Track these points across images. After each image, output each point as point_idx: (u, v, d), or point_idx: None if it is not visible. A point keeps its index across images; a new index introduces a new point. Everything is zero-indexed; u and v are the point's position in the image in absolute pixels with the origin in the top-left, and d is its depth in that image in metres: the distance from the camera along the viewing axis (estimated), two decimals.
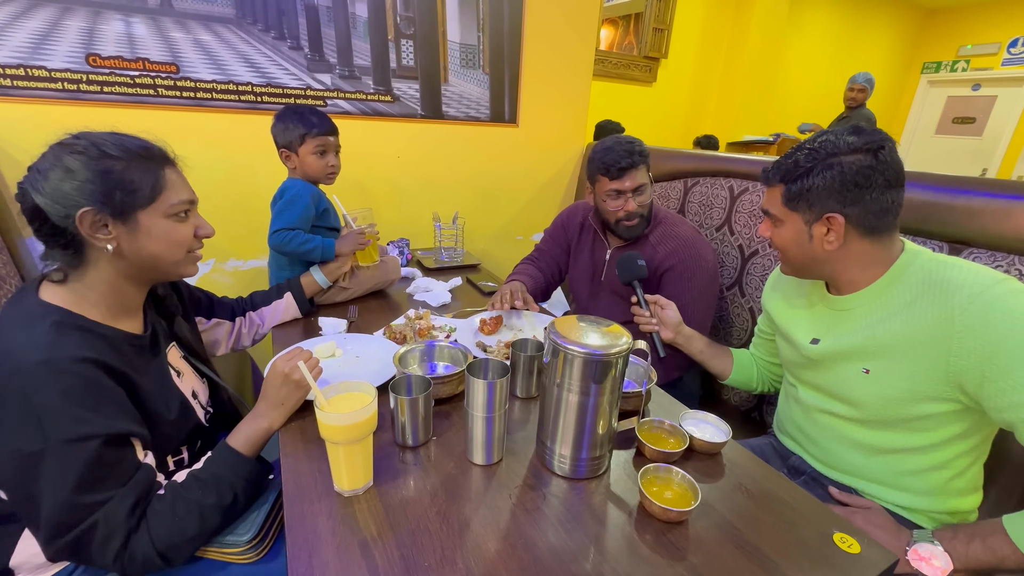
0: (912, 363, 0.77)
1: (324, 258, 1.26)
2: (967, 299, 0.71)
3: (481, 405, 0.70)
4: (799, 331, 0.95)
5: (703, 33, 4.05)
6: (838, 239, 0.80)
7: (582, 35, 2.03)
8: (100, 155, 0.69)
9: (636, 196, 1.25)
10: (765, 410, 1.40)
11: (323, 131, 1.26)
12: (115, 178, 0.69)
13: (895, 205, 0.78)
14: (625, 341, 0.68)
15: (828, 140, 0.79)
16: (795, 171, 0.81)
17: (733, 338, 1.48)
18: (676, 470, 0.70)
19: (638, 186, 1.24)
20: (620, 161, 1.21)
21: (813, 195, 0.80)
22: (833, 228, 0.80)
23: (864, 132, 0.77)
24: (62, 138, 0.71)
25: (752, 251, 1.43)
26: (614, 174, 1.22)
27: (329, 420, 0.62)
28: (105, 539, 0.64)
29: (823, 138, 0.80)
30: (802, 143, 0.83)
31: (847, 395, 0.87)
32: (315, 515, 0.64)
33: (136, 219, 0.72)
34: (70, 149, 0.69)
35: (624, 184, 1.23)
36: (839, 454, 0.92)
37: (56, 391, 0.62)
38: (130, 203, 0.71)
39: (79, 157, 0.68)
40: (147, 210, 0.73)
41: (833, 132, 0.80)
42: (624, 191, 1.24)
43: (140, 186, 0.71)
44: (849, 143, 0.77)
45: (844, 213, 0.79)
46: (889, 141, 0.77)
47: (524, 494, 0.69)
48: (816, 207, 0.80)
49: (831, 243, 0.81)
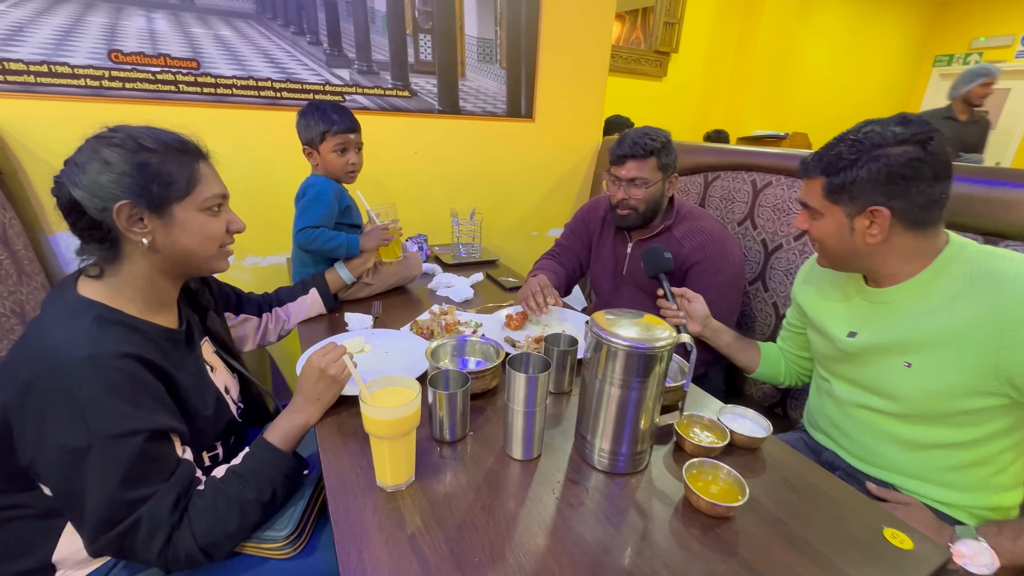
0: (958, 357, 0.76)
1: (349, 255, 1.26)
2: (1020, 291, 0.70)
3: (522, 399, 0.69)
4: (834, 324, 0.94)
5: (714, 27, 4.02)
6: (882, 232, 0.79)
7: (598, 30, 2.02)
8: (137, 148, 0.69)
9: (629, 187, 1.23)
10: (789, 405, 1.39)
11: (343, 129, 1.26)
12: (152, 171, 0.69)
13: (942, 197, 0.77)
14: (669, 334, 0.67)
15: (873, 130, 0.77)
16: (838, 163, 0.79)
17: (756, 333, 1.47)
18: (721, 465, 0.69)
19: (633, 177, 1.22)
20: (621, 148, 1.21)
21: (857, 188, 0.78)
22: (877, 221, 0.79)
23: (912, 122, 0.76)
24: (99, 131, 0.71)
25: (776, 245, 1.41)
26: (613, 160, 1.23)
27: (375, 414, 0.62)
28: (149, 535, 0.63)
29: (868, 128, 0.78)
30: (844, 134, 0.81)
31: (887, 389, 0.85)
32: (360, 510, 0.63)
33: (171, 212, 0.72)
34: (108, 142, 0.69)
35: (620, 172, 1.23)
36: (876, 449, 0.91)
37: (100, 387, 0.62)
38: (166, 196, 0.71)
39: (116, 150, 0.68)
40: (182, 203, 0.73)
41: (879, 122, 0.78)
42: (620, 179, 1.23)
43: (176, 179, 0.71)
44: (896, 133, 0.75)
45: (889, 206, 0.77)
46: (938, 133, 0.75)
47: (567, 489, 0.69)
48: (859, 200, 0.79)
49: (874, 236, 0.80)
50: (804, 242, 1.34)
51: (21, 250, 1.20)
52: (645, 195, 1.24)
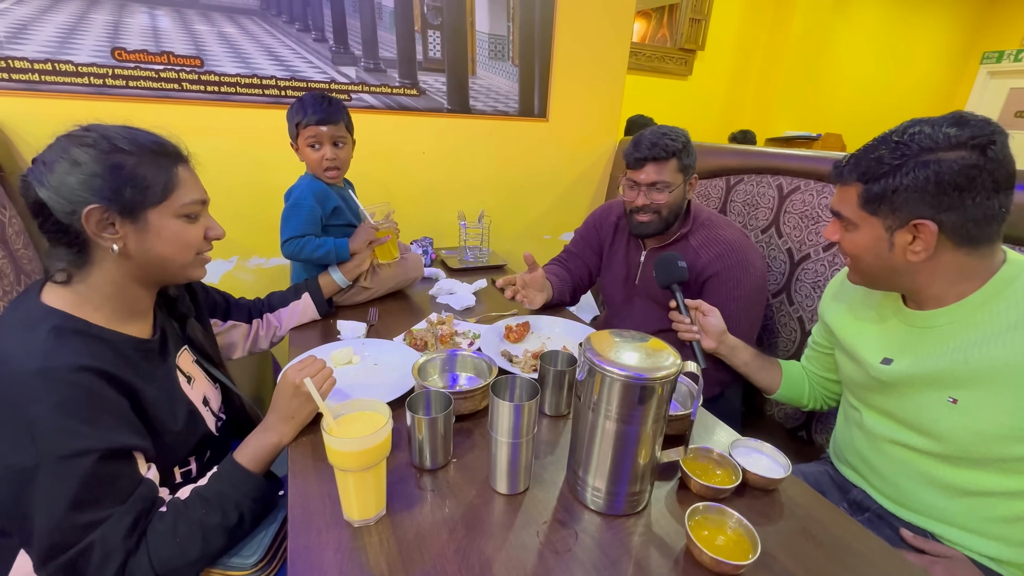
0: (1014, 395, 0.65)
1: (340, 260, 1.20)
2: None
3: (506, 430, 0.62)
4: (867, 348, 0.84)
5: (743, 23, 3.86)
6: (926, 250, 0.68)
7: (617, 25, 1.93)
8: (111, 149, 0.65)
9: (650, 192, 1.14)
10: (815, 428, 1.28)
11: (313, 120, 1.12)
12: (126, 174, 0.65)
13: (1002, 211, 0.66)
14: (672, 362, 0.59)
15: (922, 132, 0.66)
16: (878, 169, 0.69)
17: (779, 349, 1.37)
18: (730, 512, 0.60)
19: (654, 182, 1.13)
20: (639, 150, 1.12)
21: (899, 198, 0.68)
22: (921, 237, 0.68)
23: (969, 123, 0.65)
24: (71, 130, 0.67)
25: (803, 255, 1.30)
26: (631, 163, 1.14)
27: (337, 445, 0.56)
28: (102, 561, 0.59)
29: (915, 129, 0.67)
30: (887, 134, 0.70)
31: (927, 426, 0.75)
32: (321, 548, 0.58)
33: (146, 218, 0.68)
34: (79, 141, 0.65)
35: (639, 176, 1.14)
36: (912, 492, 0.80)
37: (50, 403, 0.58)
38: (140, 201, 0.67)
39: (88, 150, 0.64)
40: (157, 209, 0.69)
41: (928, 122, 0.67)
42: (639, 183, 1.14)
43: (152, 183, 0.67)
44: (950, 136, 0.64)
45: (938, 220, 0.66)
46: (1001, 134, 0.64)
47: (553, 532, 0.61)
48: (902, 212, 0.68)
49: (917, 253, 0.69)
50: (835, 252, 1.23)
51: (21, 249, 1.19)
52: (668, 200, 1.15)
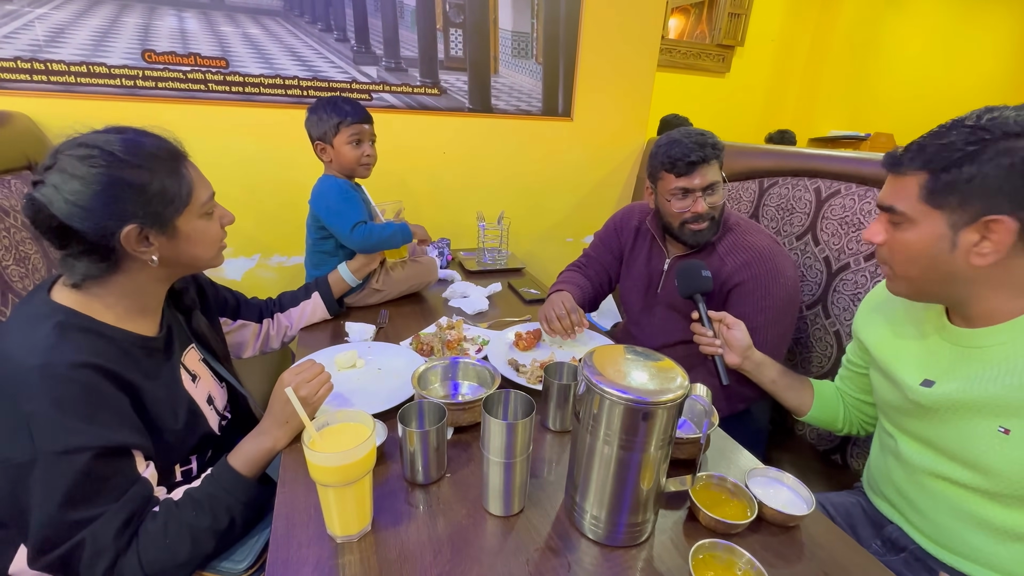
0: None
1: (404, 240, 1.23)
2: None
3: (499, 449, 0.58)
4: (905, 368, 0.76)
5: (786, 17, 3.68)
6: (996, 252, 0.60)
7: (646, 21, 1.85)
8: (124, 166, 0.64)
9: (707, 196, 1.07)
10: (850, 452, 1.18)
11: (357, 119, 1.20)
12: (153, 190, 0.66)
13: None
14: (680, 383, 0.54)
15: (1004, 116, 0.58)
16: (948, 154, 0.60)
17: (812, 365, 1.27)
18: (740, 551, 0.55)
19: (709, 184, 1.06)
20: (689, 155, 1.03)
21: (974, 188, 0.59)
22: (993, 236, 0.60)
23: None
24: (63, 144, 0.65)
25: (841, 265, 1.21)
26: (681, 169, 1.05)
27: (317, 460, 0.53)
28: (92, 559, 0.59)
29: (995, 113, 0.59)
30: (957, 120, 0.62)
31: (974, 459, 0.67)
32: (300, 564, 0.55)
33: (175, 226, 0.69)
34: (90, 163, 0.63)
35: (693, 181, 1.05)
36: (956, 532, 0.72)
37: (48, 399, 0.58)
38: (170, 213, 0.68)
39: (103, 171, 0.63)
40: (183, 215, 0.70)
41: (1013, 108, 0.59)
42: (693, 189, 1.06)
43: (175, 193, 0.68)
44: None
45: (1018, 217, 0.58)
46: None
47: (544, 560, 0.57)
48: (973, 205, 0.60)
49: (984, 257, 0.61)
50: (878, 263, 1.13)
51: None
52: (720, 200, 1.09)
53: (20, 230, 1.11)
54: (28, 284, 1.08)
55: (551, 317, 1.08)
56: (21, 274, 1.07)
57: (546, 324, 1.09)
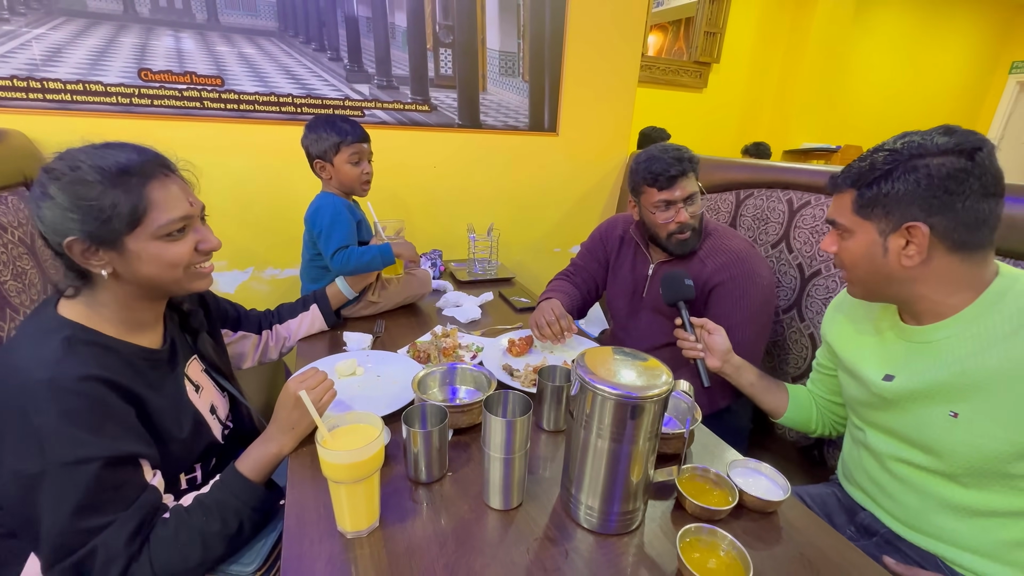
0: (1013, 407, 0.64)
1: (385, 263, 1.23)
2: None
3: (499, 445, 0.63)
4: (868, 365, 0.83)
5: (759, 35, 3.84)
6: (920, 253, 0.69)
7: (627, 39, 1.94)
8: (75, 181, 0.65)
9: (688, 206, 1.15)
10: (827, 450, 1.25)
11: (357, 139, 1.24)
12: (92, 206, 0.64)
13: (992, 217, 0.66)
14: (665, 380, 0.59)
15: (913, 140, 0.68)
16: (871, 174, 0.70)
17: (789, 366, 1.34)
18: (723, 534, 0.60)
19: (689, 195, 1.14)
20: (669, 169, 1.11)
21: (892, 200, 0.69)
22: (914, 240, 0.69)
23: (957, 132, 0.67)
24: (50, 159, 0.67)
25: (814, 271, 1.28)
26: (663, 184, 1.13)
27: (330, 458, 0.57)
28: (105, 565, 0.61)
29: (906, 138, 0.69)
30: (879, 145, 0.72)
31: (929, 443, 0.74)
32: (313, 559, 0.59)
33: (123, 244, 0.67)
34: (52, 175, 0.65)
35: (674, 194, 1.13)
36: (922, 513, 0.78)
37: (56, 412, 0.60)
38: (111, 231, 0.66)
39: (57, 184, 0.64)
40: (132, 235, 0.67)
41: (920, 133, 0.69)
42: (674, 201, 1.14)
43: (116, 213, 0.65)
44: (939, 144, 0.66)
45: (929, 223, 0.67)
46: (987, 144, 0.66)
47: (543, 549, 0.61)
48: (895, 215, 0.69)
49: (911, 258, 0.70)
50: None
51: (48, 260, 1.25)
52: (699, 210, 1.17)
53: (17, 245, 1.12)
54: (25, 299, 1.09)
55: (541, 323, 1.13)
56: (18, 289, 1.08)
57: (537, 330, 1.14)
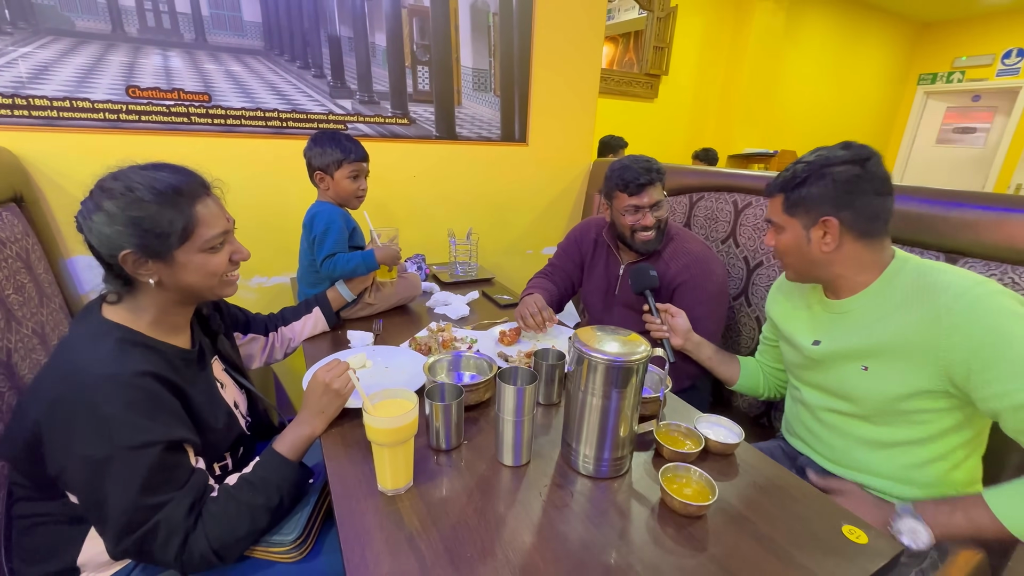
0: (906, 360, 0.84)
1: (369, 269, 1.32)
2: (952, 299, 0.79)
3: (511, 410, 0.76)
4: (801, 334, 1.02)
5: (702, 50, 4.17)
6: (834, 240, 0.89)
7: (587, 58, 2.12)
8: (132, 201, 0.73)
9: (654, 211, 1.32)
10: (773, 416, 1.45)
11: (358, 158, 1.35)
12: (147, 225, 0.73)
13: (885, 211, 0.87)
14: (644, 349, 0.74)
15: (822, 154, 0.89)
16: (793, 181, 0.91)
17: (741, 346, 1.54)
18: (694, 468, 0.75)
19: (655, 202, 1.31)
20: (639, 178, 1.28)
21: (810, 201, 0.89)
22: (829, 230, 0.88)
23: (853, 146, 0.88)
24: (103, 177, 0.75)
25: (757, 262, 1.49)
26: (633, 190, 1.30)
27: (377, 423, 0.68)
28: (167, 538, 0.69)
29: (817, 153, 0.90)
30: (800, 158, 0.93)
31: (848, 392, 0.93)
32: (363, 512, 0.69)
33: (173, 257, 0.76)
34: (108, 194, 0.73)
35: (642, 200, 1.30)
36: (846, 451, 0.97)
37: (121, 402, 0.68)
38: (165, 245, 0.75)
39: (114, 203, 0.72)
40: (182, 248, 0.76)
41: (826, 148, 0.90)
42: (642, 206, 1.31)
43: (172, 229, 0.74)
44: (840, 156, 0.87)
45: (838, 216, 0.87)
46: (876, 155, 0.87)
47: (553, 492, 0.75)
48: (813, 212, 0.89)
49: (828, 245, 0.89)
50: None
51: (42, 274, 1.27)
52: (664, 215, 1.34)
53: (14, 260, 1.15)
54: (26, 312, 1.13)
55: (526, 315, 1.27)
56: (20, 303, 1.11)
57: (522, 321, 1.27)
